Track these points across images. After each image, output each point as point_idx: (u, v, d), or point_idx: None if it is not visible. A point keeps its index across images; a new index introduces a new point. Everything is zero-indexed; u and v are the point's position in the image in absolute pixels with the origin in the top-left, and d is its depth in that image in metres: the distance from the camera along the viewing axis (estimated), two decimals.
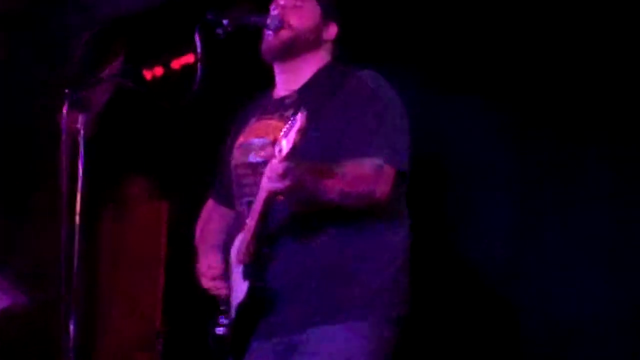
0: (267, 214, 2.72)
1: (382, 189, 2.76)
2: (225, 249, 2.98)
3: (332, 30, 3.02)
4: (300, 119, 2.46)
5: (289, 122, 2.50)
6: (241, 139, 3.02)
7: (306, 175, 2.62)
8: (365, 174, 2.74)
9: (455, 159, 4.01)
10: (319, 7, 3.01)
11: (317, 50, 3.00)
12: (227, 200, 3.11)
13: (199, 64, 2.86)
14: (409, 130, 2.90)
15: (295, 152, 2.49)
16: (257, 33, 3.00)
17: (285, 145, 2.49)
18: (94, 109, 2.77)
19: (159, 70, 5.16)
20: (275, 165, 2.54)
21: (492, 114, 3.88)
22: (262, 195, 2.67)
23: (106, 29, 5.20)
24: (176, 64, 5.08)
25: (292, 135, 2.47)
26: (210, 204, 3.24)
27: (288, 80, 3.01)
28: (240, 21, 2.92)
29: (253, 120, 3.03)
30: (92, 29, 5.19)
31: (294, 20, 2.95)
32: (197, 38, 2.85)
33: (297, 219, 2.80)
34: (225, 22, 2.88)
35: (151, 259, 5.65)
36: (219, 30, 2.88)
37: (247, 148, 2.95)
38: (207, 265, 3.00)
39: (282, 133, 2.51)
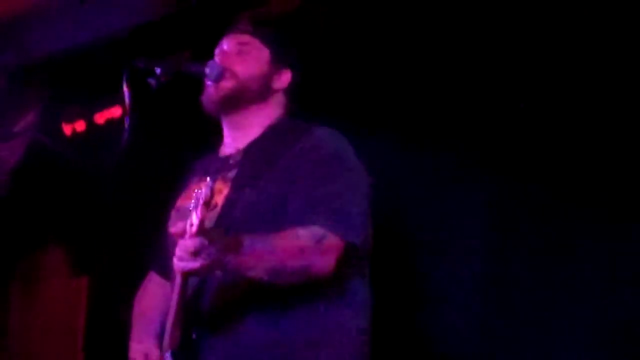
0: (186, 296, 2.64)
1: (322, 263, 2.66)
2: (163, 331, 2.87)
3: (284, 78, 2.98)
4: (204, 190, 2.44)
5: (195, 194, 2.47)
6: (179, 202, 2.96)
7: (225, 252, 2.54)
8: (300, 245, 2.64)
9: (422, 223, 3.93)
10: (267, 52, 2.97)
11: (265, 101, 2.95)
12: (167, 271, 2.97)
13: (126, 119, 2.83)
14: (368, 199, 2.81)
15: (204, 227, 2.45)
16: (197, 84, 2.93)
17: (195, 219, 2.46)
18: (3, 168, 2.67)
19: (80, 125, 4.99)
20: (186, 243, 2.49)
21: (464, 174, 3.84)
22: (177, 278, 2.61)
23: (20, 74, 5.02)
24: (100, 117, 4.92)
25: (199, 209, 2.44)
26: (151, 275, 3.14)
27: (234, 136, 2.96)
28: (176, 70, 2.86)
29: (195, 180, 2.96)
30: (2, 73, 5.01)
31: (238, 68, 2.92)
32: (125, 88, 2.81)
33: (228, 298, 2.71)
34: (158, 70, 2.81)
35: (67, 345, 5.42)
36: (151, 80, 2.81)
37: (183, 213, 2.84)
38: (143, 352, 2.89)
39: (191, 206, 2.48)
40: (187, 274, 2.58)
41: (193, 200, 2.48)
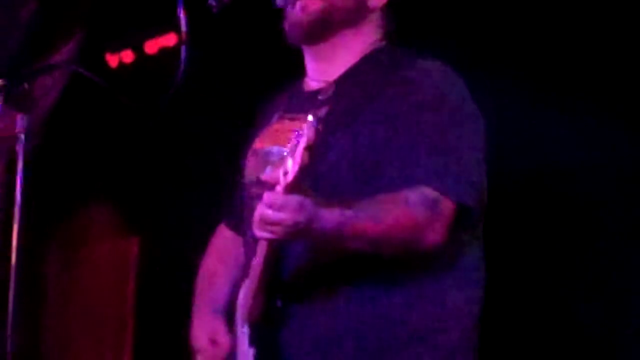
0: (275, 258, 2.69)
1: (435, 234, 2.68)
2: (234, 299, 2.91)
3: None
4: (307, 130, 2.43)
5: (294, 133, 2.44)
6: (257, 144, 2.89)
7: (322, 216, 2.53)
8: (411, 214, 2.65)
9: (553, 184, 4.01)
10: None
11: (359, 25, 2.94)
12: (240, 225, 3.06)
13: (182, 48, 2.83)
14: (484, 151, 2.81)
15: (303, 177, 2.44)
16: (267, 5, 2.93)
17: (290, 166, 2.44)
18: (38, 108, 2.72)
19: (128, 56, 5.08)
20: (276, 197, 2.46)
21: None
22: (262, 241, 2.62)
23: None
24: (152, 47, 5.02)
25: (299, 152, 2.42)
26: (221, 230, 3.21)
27: (322, 68, 2.97)
28: None
29: (275, 118, 2.95)
30: None
31: None
32: (180, 11, 2.82)
33: (321, 262, 2.75)
34: None
35: (115, 316, 5.63)
36: (212, 2, 2.84)
37: (263, 158, 2.76)
38: (208, 336, 2.97)
39: (287, 150, 2.44)
40: (274, 239, 2.56)
41: (289, 143, 2.44)
